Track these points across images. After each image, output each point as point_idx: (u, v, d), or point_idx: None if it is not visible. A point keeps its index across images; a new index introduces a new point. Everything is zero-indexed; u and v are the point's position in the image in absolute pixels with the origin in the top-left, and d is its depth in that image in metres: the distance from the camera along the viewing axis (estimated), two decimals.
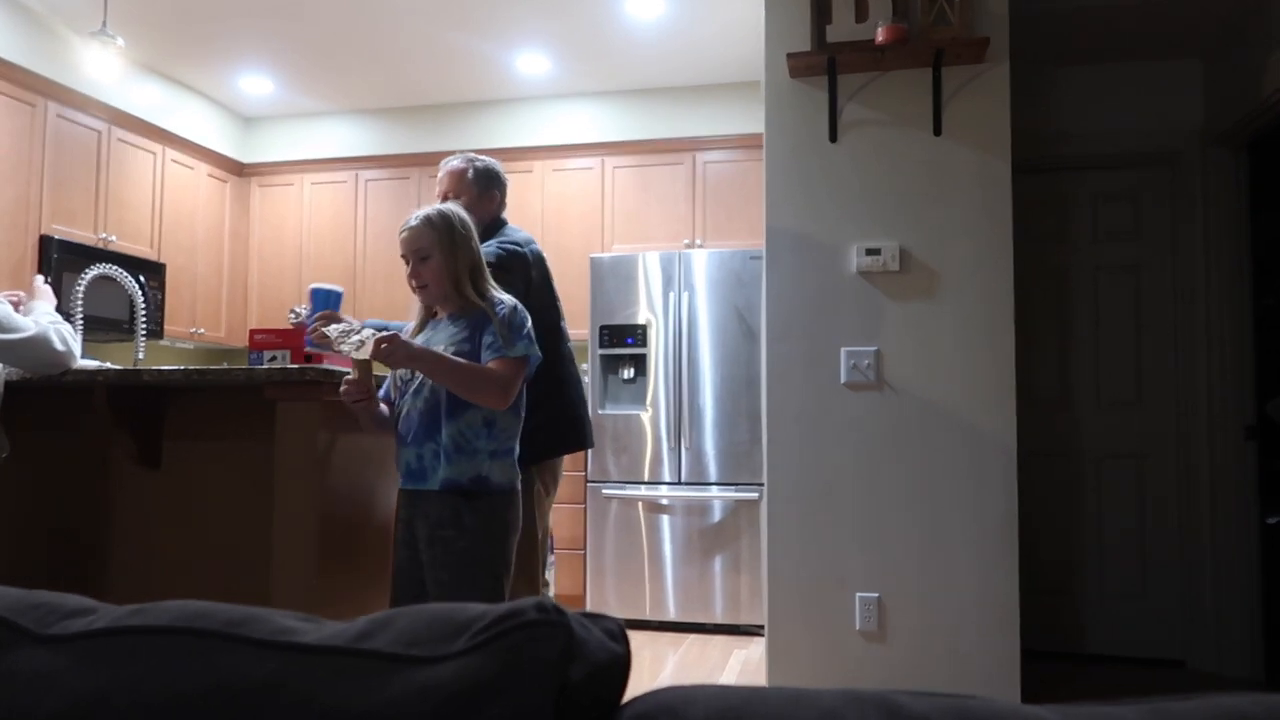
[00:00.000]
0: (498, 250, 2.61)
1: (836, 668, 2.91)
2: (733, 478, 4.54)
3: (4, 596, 0.56)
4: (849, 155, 3.01)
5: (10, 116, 4.31)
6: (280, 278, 5.84)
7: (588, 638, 0.51)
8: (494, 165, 2.83)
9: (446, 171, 2.77)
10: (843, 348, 2.97)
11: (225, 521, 2.64)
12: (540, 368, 2.62)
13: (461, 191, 2.73)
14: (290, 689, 0.45)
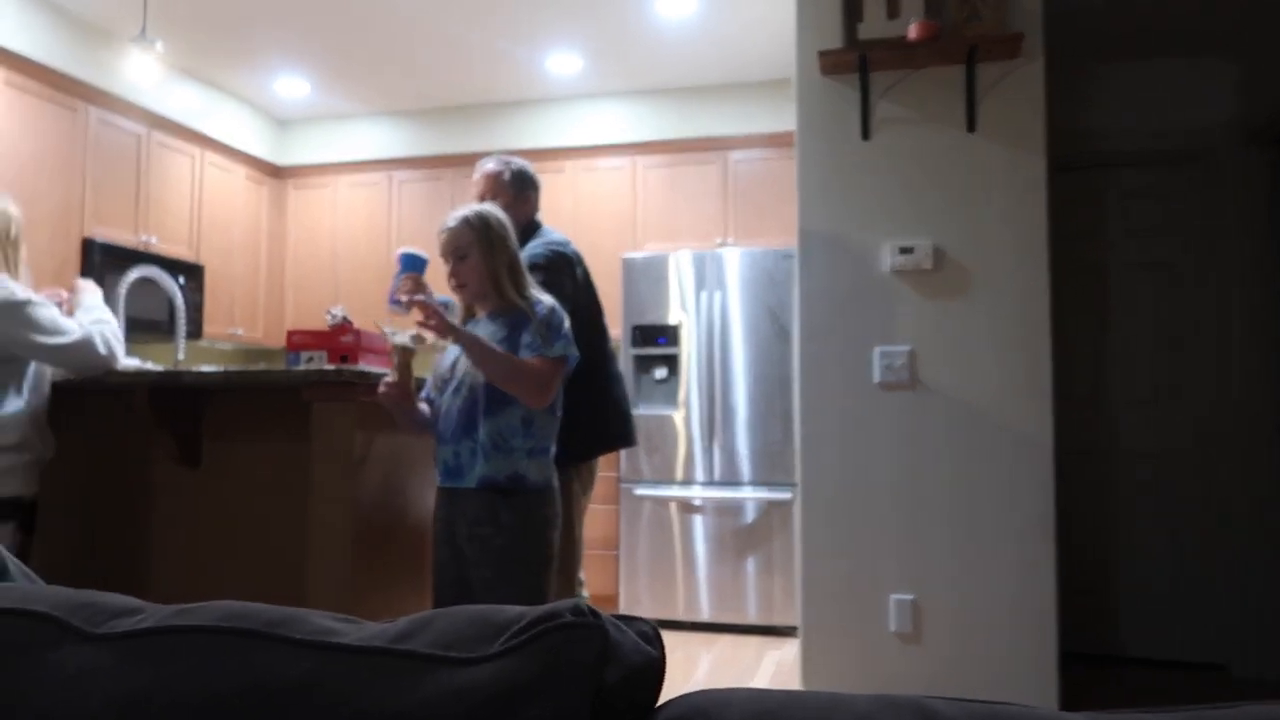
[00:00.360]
0: (545, 251, 2.64)
1: (871, 670, 2.90)
2: (766, 478, 4.53)
3: (54, 596, 0.57)
4: (882, 153, 2.99)
5: (53, 121, 4.40)
6: (316, 279, 5.91)
7: (623, 640, 0.51)
8: (528, 168, 2.85)
9: (482, 174, 2.80)
10: (876, 347, 2.95)
11: (263, 520, 2.68)
12: (586, 365, 2.66)
13: (498, 193, 2.76)
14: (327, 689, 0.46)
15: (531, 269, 2.62)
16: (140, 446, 2.77)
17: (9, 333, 2.21)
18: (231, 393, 2.71)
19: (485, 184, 2.78)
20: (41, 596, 0.57)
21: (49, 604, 0.56)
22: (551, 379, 2.21)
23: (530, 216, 2.82)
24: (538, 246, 2.68)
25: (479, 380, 2.21)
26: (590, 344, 2.75)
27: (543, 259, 2.62)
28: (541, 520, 2.23)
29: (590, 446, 2.73)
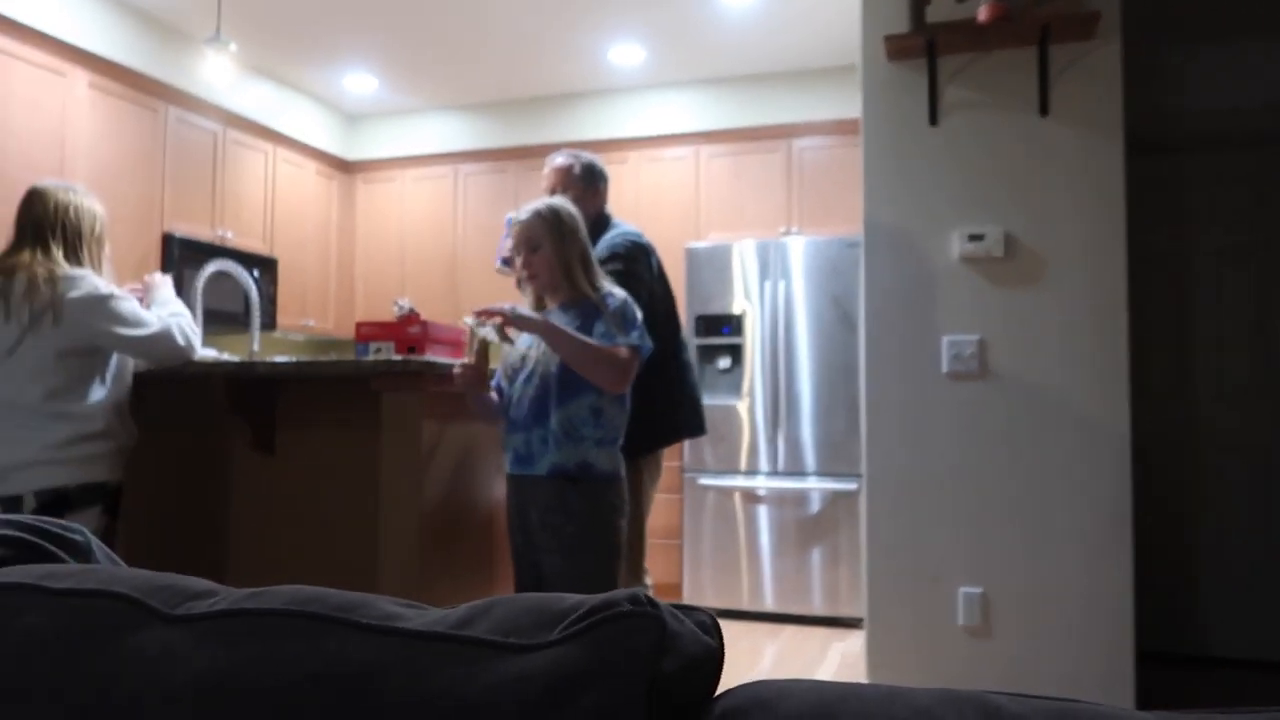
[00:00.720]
0: (625, 242, 2.68)
1: (938, 664, 2.85)
2: (831, 468, 4.49)
3: (134, 578, 0.60)
4: (950, 139, 2.93)
5: (135, 121, 4.56)
6: (384, 271, 6.02)
7: (681, 630, 0.51)
8: (597, 162, 2.89)
9: (552, 168, 2.84)
10: (944, 336, 2.90)
11: (335, 506, 2.75)
12: (660, 355, 2.69)
13: (568, 186, 2.79)
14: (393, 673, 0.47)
15: (612, 259, 2.65)
16: (217, 434, 2.86)
17: (93, 325, 2.30)
18: (304, 382, 2.78)
19: (556, 177, 2.82)
20: (123, 579, 0.59)
21: (129, 586, 0.58)
22: (629, 365, 2.23)
23: (600, 209, 2.86)
24: (616, 237, 2.72)
25: (551, 369, 2.24)
26: (665, 334, 2.78)
27: (623, 249, 2.66)
28: (610, 508, 2.25)
29: (664, 435, 2.75)
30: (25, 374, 2.28)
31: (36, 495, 2.28)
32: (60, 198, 2.41)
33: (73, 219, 2.40)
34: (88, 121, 4.31)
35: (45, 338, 2.27)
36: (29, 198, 2.41)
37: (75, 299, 2.29)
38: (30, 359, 2.28)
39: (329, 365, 2.53)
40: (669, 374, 2.77)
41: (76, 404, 2.32)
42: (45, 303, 2.27)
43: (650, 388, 2.69)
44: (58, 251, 2.38)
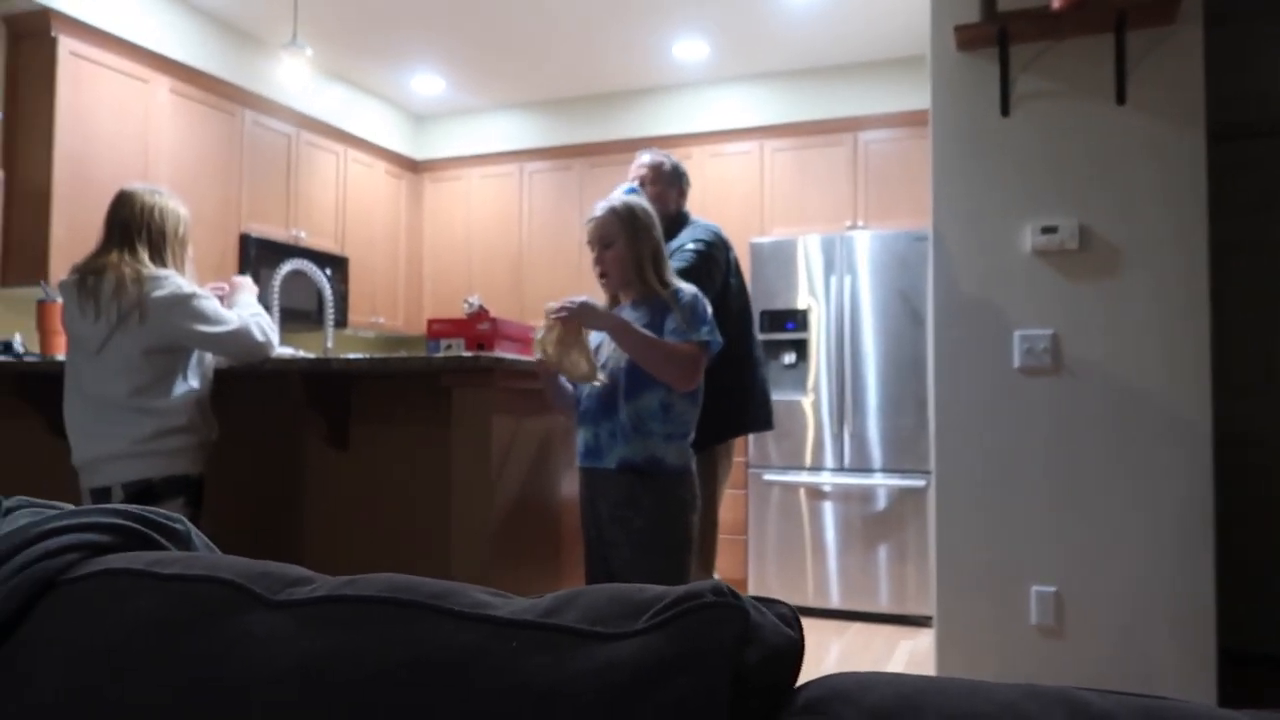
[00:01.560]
0: (706, 234, 2.75)
1: (1010, 663, 2.81)
2: (898, 465, 4.44)
3: (237, 565, 0.63)
4: (1022, 129, 2.87)
5: (213, 125, 4.70)
6: (451, 268, 6.12)
7: (762, 622, 0.52)
8: (682, 166, 3.01)
9: (644, 163, 2.93)
10: (1016, 331, 2.85)
11: (406, 500, 2.81)
12: (736, 347, 2.72)
13: (656, 180, 2.89)
14: (487, 658, 0.49)
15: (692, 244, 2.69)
16: (294, 429, 2.94)
17: (177, 323, 2.39)
18: (377, 378, 2.84)
19: (648, 171, 2.90)
20: (226, 565, 0.62)
21: (233, 572, 0.61)
22: (697, 363, 2.24)
23: (680, 208, 2.96)
24: (698, 228, 2.76)
25: (621, 364, 2.26)
26: (739, 328, 2.80)
27: (705, 238, 2.71)
28: (679, 503, 2.26)
29: (733, 427, 2.77)
30: (113, 371, 2.38)
31: (124, 487, 2.38)
32: (146, 200, 2.50)
33: (158, 221, 2.49)
34: (169, 126, 4.46)
35: (132, 335, 2.36)
36: (117, 200, 2.51)
37: (160, 298, 2.38)
38: (118, 356, 2.37)
39: (401, 361, 2.59)
40: (741, 367, 2.79)
41: (161, 399, 2.41)
42: (132, 302, 2.36)
43: (722, 380, 2.71)
44: (144, 252, 2.47)
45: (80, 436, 2.43)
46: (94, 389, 2.41)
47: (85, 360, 2.43)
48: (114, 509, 0.75)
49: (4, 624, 0.63)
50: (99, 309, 2.37)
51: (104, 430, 2.39)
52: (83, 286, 2.41)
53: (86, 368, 2.43)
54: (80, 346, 2.43)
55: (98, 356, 2.39)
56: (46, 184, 3.93)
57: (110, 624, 0.59)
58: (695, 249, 2.69)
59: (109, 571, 0.64)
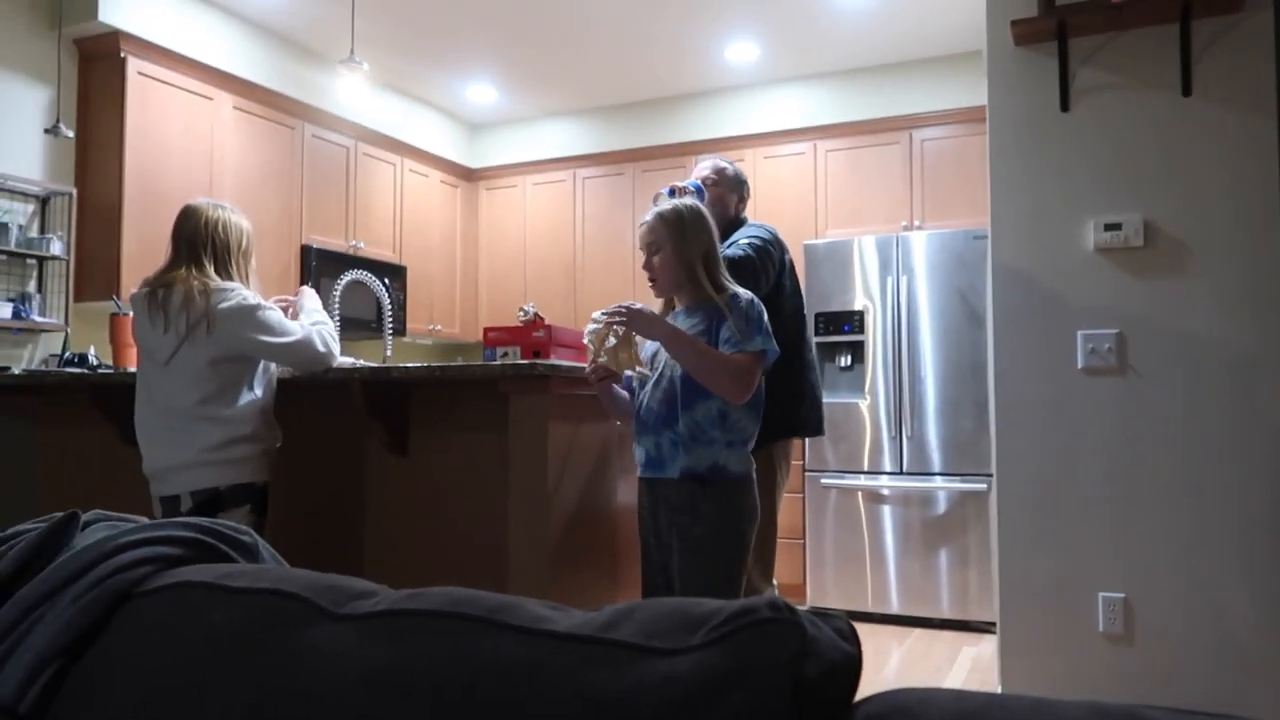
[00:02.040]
0: (760, 234, 2.77)
1: (1077, 672, 2.74)
2: (958, 468, 4.37)
3: (302, 578, 0.64)
4: (1083, 124, 2.81)
5: (274, 139, 4.82)
6: (507, 275, 6.18)
7: (819, 636, 0.52)
8: (745, 174, 3.03)
9: (711, 163, 2.97)
10: (1079, 330, 2.78)
11: (465, 507, 2.84)
12: (789, 348, 2.71)
13: (719, 183, 2.90)
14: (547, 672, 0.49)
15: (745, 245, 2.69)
16: (355, 437, 3.00)
17: (242, 334, 2.45)
18: (436, 386, 2.88)
19: (711, 173, 2.92)
20: (292, 578, 0.64)
21: (299, 585, 0.63)
22: (751, 374, 2.20)
23: (740, 213, 2.97)
24: (752, 227, 2.77)
25: (678, 373, 2.24)
26: (792, 329, 2.79)
27: (758, 237, 2.71)
28: (739, 512, 2.25)
29: (784, 428, 2.74)
30: (182, 381, 2.45)
31: (193, 495, 2.44)
32: (210, 214, 2.57)
33: (222, 235, 2.56)
34: (233, 141, 4.58)
35: (199, 347, 2.43)
36: (183, 215, 2.58)
37: (226, 309, 2.44)
38: (186, 367, 2.44)
39: (459, 369, 2.62)
40: (793, 368, 2.77)
41: (227, 409, 2.47)
42: (200, 314, 2.43)
43: (772, 381, 2.69)
44: (209, 265, 2.54)
45: (151, 445, 2.50)
46: (163, 399, 2.48)
47: (155, 371, 2.50)
48: (185, 522, 0.77)
49: (84, 635, 0.65)
50: (168, 321, 2.44)
51: (173, 439, 2.46)
52: (153, 299, 2.48)
53: (156, 378, 2.50)
54: (150, 357, 2.50)
55: (167, 367, 2.46)
56: (117, 201, 4.06)
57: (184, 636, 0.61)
58: (749, 243, 2.68)
59: (182, 584, 0.66)
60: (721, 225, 2.84)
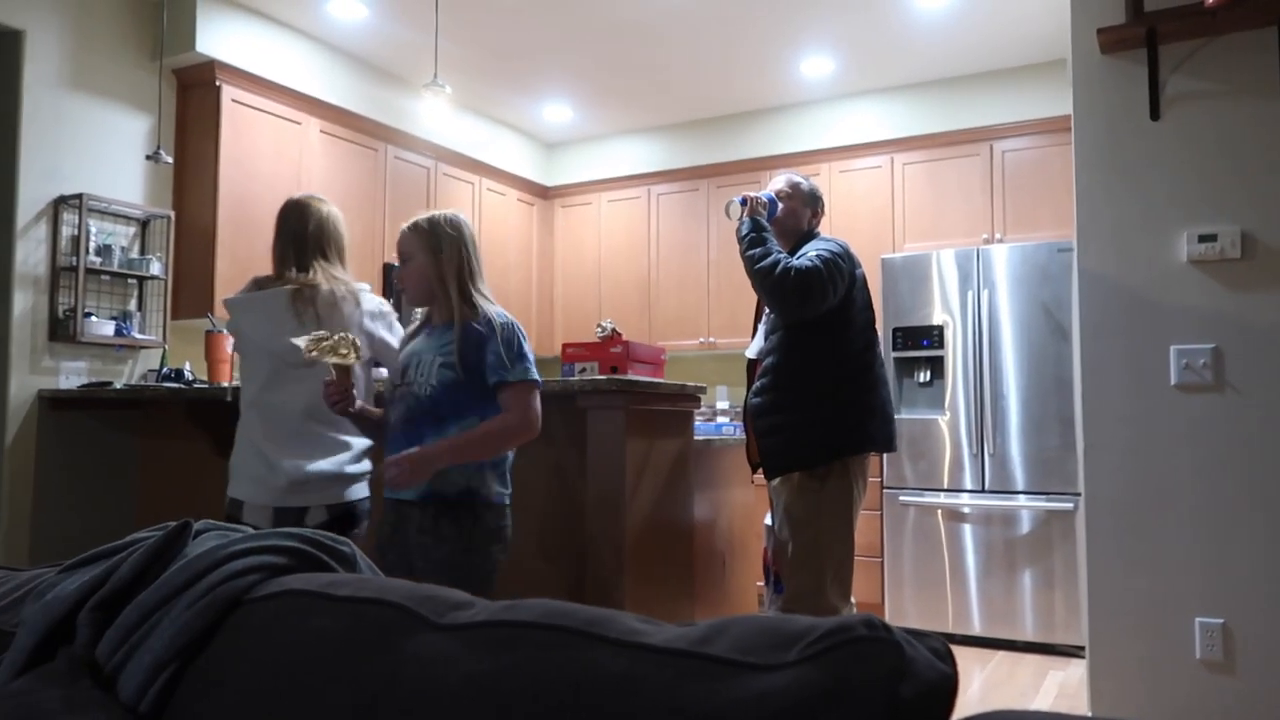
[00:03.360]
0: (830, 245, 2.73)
1: (1172, 700, 2.64)
2: (1042, 486, 4.25)
3: (401, 588, 0.66)
4: (1174, 133, 2.72)
5: (358, 161, 4.97)
6: (582, 292, 6.24)
7: (916, 656, 0.52)
8: (820, 190, 3.01)
9: (785, 177, 2.95)
10: (1172, 346, 2.69)
11: (544, 517, 2.88)
12: (860, 361, 2.68)
13: (795, 195, 2.89)
14: (644, 685, 0.50)
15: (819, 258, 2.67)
16: None
17: (382, 336, 2.44)
18: None
19: (787, 187, 2.91)
20: (393, 589, 0.66)
21: (400, 595, 0.65)
22: (528, 408, 2.10)
23: (812, 228, 2.93)
24: (824, 242, 2.76)
25: (429, 390, 2.13)
26: (862, 343, 2.75)
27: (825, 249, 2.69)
28: (487, 534, 2.13)
29: (854, 444, 2.70)
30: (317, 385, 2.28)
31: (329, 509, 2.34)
32: (322, 209, 2.48)
33: (333, 229, 2.48)
34: (319, 164, 4.73)
35: None
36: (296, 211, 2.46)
37: (371, 310, 2.42)
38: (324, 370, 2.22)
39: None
40: (863, 384, 2.73)
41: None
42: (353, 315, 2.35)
43: (842, 395, 2.67)
44: (335, 261, 2.45)
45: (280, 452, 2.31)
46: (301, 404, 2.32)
47: (290, 374, 2.33)
48: (288, 532, 0.80)
49: (198, 639, 0.69)
50: (319, 321, 2.31)
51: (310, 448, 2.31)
52: (299, 298, 2.35)
53: (291, 379, 2.34)
54: (285, 359, 2.32)
55: (310, 370, 2.27)
56: (212, 223, 4.23)
57: (291, 642, 0.64)
58: (818, 254, 2.66)
59: (289, 592, 0.69)
60: (794, 239, 2.84)
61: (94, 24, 4.03)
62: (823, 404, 2.66)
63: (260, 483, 2.31)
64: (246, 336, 2.39)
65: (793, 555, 2.69)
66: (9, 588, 0.87)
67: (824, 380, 2.68)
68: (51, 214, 3.85)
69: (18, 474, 3.71)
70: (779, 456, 2.70)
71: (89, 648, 0.71)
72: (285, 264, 2.42)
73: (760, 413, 2.75)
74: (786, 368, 2.71)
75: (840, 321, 2.71)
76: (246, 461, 2.34)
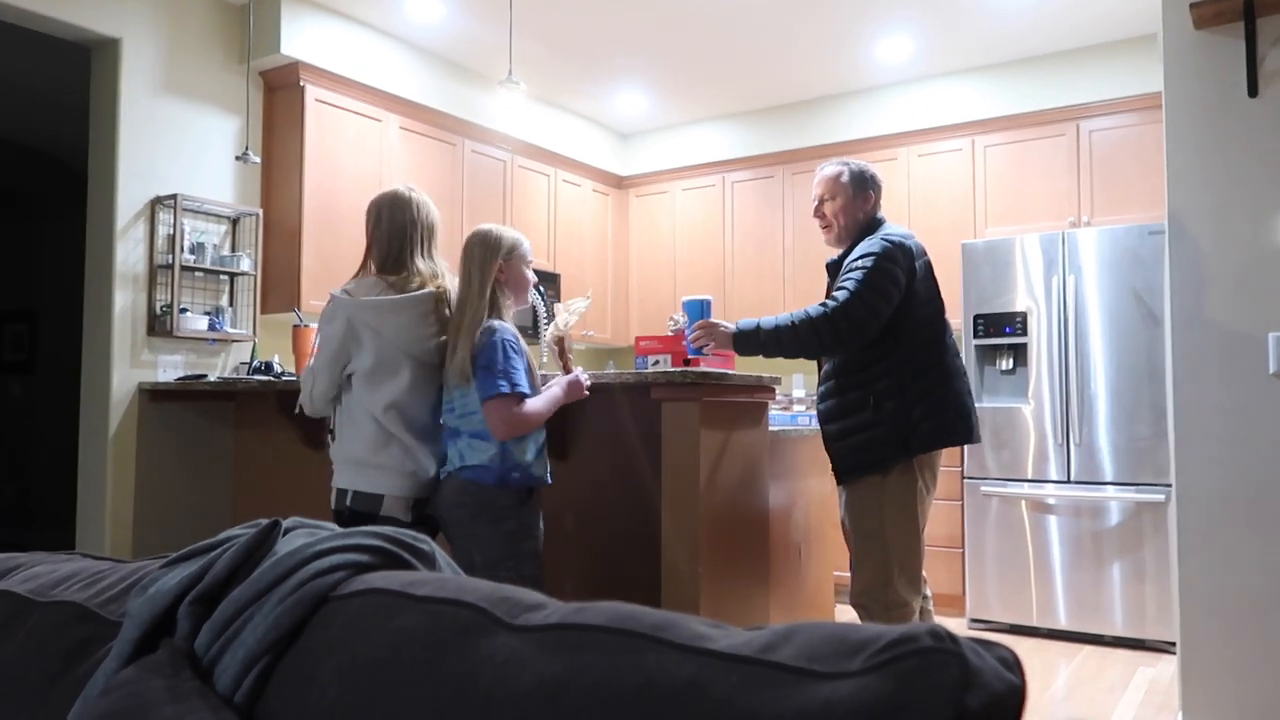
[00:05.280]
0: (883, 242, 2.64)
1: (1267, 701, 2.54)
2: (1132, 477, 4.12)
3: (479, 588, 0.69)
4: (1273, 109, 2.60)
5: (436, 155, 5.06)
6: (657, 281, 6.25)
7: (982, 666, 0.52)
8: (869, 168, 2.87)
9: (821, 177, 2.85)
10: (1271, 333, 2.58)
11: (621, 508, 2.91)
12: (927, 355, 2.63)
13: (836, 194, 2.80)
14: (710, 691, 0.52)
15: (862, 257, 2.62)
16: None
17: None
18: (593, 392, 2.96)
19: (823, 186, 2.83)
20: (469, 589, 0.69)
21: (476, 596, 0.67)
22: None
23: (871, 215, 2.83)
24: (876, 239, 2.68)
25: None
26: (929, 337, 2.69)
27: (877, 248, 2.63)
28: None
29: (936, 438, 2.65)
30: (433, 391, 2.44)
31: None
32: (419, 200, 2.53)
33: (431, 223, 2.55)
34: (400, 159, 4.84)
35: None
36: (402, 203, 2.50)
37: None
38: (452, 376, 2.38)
39: (614, 376, 2.69)
40: (933, 377, 2.67)
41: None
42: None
43: (911, 393, 2.62)
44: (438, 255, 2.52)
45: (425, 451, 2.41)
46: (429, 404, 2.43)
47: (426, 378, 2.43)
48: (372, 531, 0.84)
49: (288, 634, 0.72)
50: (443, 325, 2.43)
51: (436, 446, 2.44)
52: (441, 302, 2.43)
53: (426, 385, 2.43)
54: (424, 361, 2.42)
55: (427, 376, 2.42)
56: (298, 220, 4.37)
57: (375, 640, 0.67)
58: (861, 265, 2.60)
59: (372, 590, 0.72)
60: (853, 232, 2.78)
61: (184, 31, 4.18)
62: (888, 404, 2.61)
63: (409, 476, 2.39)
64: (387, 339, 2.38)
65: (857, 549, 2.67)
66: (114, 579, 0.93)
67: (888, 379, 2.63)
68: (149, 214, 4.03)
69: (121, 463, 3.90)
70: (850, 460, 2.67)
71: (189, 640, 0.75)
72: (404, 260, 2.46)
73: (827, 418, 2.71)
74: (848, 370, 2.68)
75: (900, 317, 2.64)
76: (393, 457, 2.38)
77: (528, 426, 2.34)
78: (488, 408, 2.28)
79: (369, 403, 2.38)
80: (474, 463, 2.32)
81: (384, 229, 2.49)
